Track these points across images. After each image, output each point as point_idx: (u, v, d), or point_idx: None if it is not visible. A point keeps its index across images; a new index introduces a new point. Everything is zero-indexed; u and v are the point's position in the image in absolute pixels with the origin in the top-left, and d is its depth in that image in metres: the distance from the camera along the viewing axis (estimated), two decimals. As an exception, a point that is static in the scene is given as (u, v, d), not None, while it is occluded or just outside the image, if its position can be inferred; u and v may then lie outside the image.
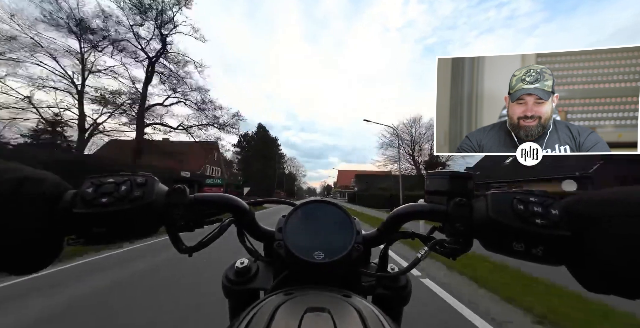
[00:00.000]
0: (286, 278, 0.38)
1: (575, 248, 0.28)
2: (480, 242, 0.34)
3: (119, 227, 0.30)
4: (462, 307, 2.62)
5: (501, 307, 2.63)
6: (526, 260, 0.31)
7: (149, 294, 2.87)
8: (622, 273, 0.25)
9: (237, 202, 0.41)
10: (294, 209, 0.43)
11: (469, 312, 2.51)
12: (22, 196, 0.27)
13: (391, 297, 0.42)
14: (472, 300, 2.79)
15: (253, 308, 0.28)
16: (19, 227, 0.26)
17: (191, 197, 0.36)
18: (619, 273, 0.25)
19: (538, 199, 0.31)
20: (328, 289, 0.33)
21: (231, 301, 0.42)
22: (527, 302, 2.63)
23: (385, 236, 0.43)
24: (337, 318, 0.24)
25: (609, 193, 0.28)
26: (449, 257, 0.36)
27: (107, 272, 3.72)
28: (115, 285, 3.16)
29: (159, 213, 0.32)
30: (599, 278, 0.27)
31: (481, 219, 0.33)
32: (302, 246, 0.38)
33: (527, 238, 0.30)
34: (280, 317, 0.24)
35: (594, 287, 0.28)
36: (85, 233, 0.30)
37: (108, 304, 2.62)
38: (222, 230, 0.40)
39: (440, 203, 0.38)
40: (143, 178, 0.32)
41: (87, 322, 2.28)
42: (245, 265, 0.42)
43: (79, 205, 0.29)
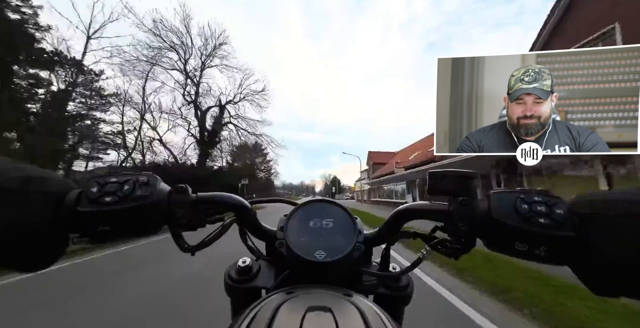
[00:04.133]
0: (288, 277, 0.38)
1: (579, 248, 0.28)
2: (482, 242, 0.34)
3: (122, 225, 0.30)
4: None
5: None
6: (529, 260, 0.31)
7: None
8: (628, 272, 0.25)
9: (239, 201, 0.41)
10: (296, 208, 0.43)
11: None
12: (28, 194, 0.27)
13: (393, 297, 0.42)
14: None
15: (255, 306, 0.28)
16: (25, 225, 0.26)
17: (193, 196, 0.36)
18: (624, 273, 0.25)
19: (542, 199, 0.31)
20: (330, 288, 0.33)
21: (233, 299, 0.42)
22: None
23: (387, 235, 0.43)
24: (338, 317, 0.24)
25: (613, 193, 0.28)
26: (450, 256, 0.36)
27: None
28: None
29: (162, 212, 0.33)
30: (604, 278, 0.27)
31: (484, 219, 0.33)
32: (304, 245, 0.38)
33: (530, 238, 0.30)
34: (282, 316, 0.24)
35: (599, 289, 0.28)
36: (90, 232, 0.30)
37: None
38: (225, 229, 0.40)
39: (443, 203, 0.38)
40: (146, 178, 0.32)
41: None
42: (247, 264, 0.42)
43: (84, 203, 0.29)
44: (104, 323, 2.27)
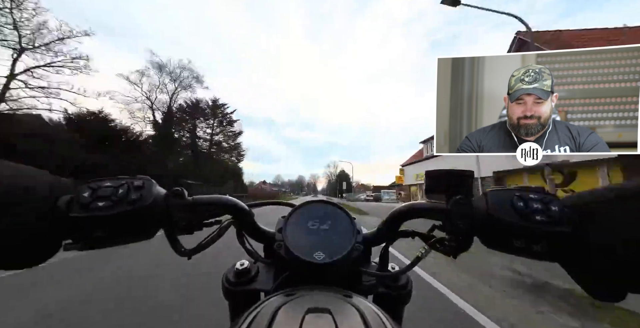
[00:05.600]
0: (287, 279, 0.38)
1: (576, 243, 0.28)
2: (480, 240, 0.34)
3: (116, 230, 0.30)
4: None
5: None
6: (527, 257, 0.31)
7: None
8: (626, 264, 0.25)
9: (236, 203, 0.41)
10: (294, 210, 0.43)
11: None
12: (18, 198, 0.26)
13: (392, 296, 0.42)
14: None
15: (254, 309, 0.27)
16: (12, 229, 0.25)
17: (190, 199, 0.36)
18: (622, 265, 0.25)
19: (538, 196, 0.32)
20: (329, 289, 0.33)
21: (231, 303, 0.42)
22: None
23: (386, 235, 0.43)
24: (338, 318, 0.24)
25: (607, 188, 0.28)
26: (449, 255, 0.36)
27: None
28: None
29: (157, 215, 0.32)
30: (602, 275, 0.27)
31: (481, 217, 0.33)
32: (303, 246, 0.37)
33: (527, 235, 0.30)
34: (281, 318, 0.24)
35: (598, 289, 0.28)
36: (82, 238, 0.29)
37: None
38: (222, 232, 0.40)
39: (440, 202, 0.38)
40: (140, 181, 0.32)
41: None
42: (245, 266, 0.41)
43: (76, 209, 0.28)
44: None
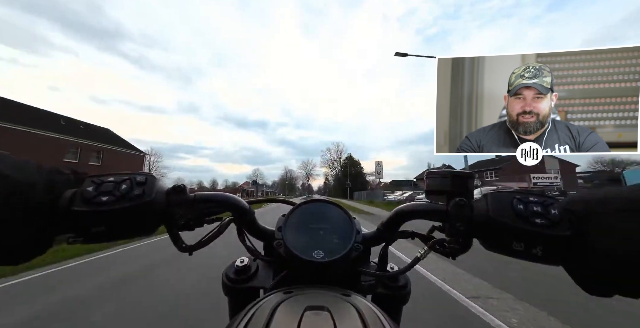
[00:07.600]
0: (286, 277, 0.38)
1: (575, 247, 0.28)
2: (479, 242, 0.34)
3: (118, 225, 0.30)
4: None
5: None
6: (526, 259, 0.31)
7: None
8: (624, 268, 0.25)
9: (237, 201, 0.41)
10: (294, 208, 0.43)
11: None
12: (15, 192, 0.26)
13: (391, 296, 0.42)
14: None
15: (253, 306, 0.28)
16: (8, 224, 0.25)
17: (191, 196, 0.36)
18: (620, 269, 0.25)
19: (538, 199, 0.32)
20: (328, 288, 0.33)
21: (231, 299, 0.42)
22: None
23: (385, 235, 0.43)
24: (336, 316, 0.24)
25: (606, 191, 0.28)
26: (448, 256, 0.36)
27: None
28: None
29: (159, 211, 0.32)
30: (600, 276, 0.27)
31: (481, 219, 0.33)
32: (302, 245, 0.38)
33: (527, 238, 0.30)
34: (280, 316, 0.24)
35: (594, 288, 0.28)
36: (85, 232, 0.30)
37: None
38: (222, 229, 0.40)
39: (440, 203, 0.38)
40: (143, 177, 0.32)
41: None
42: (245, 263, 0.42)
43: (79, 203, 0.29)
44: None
